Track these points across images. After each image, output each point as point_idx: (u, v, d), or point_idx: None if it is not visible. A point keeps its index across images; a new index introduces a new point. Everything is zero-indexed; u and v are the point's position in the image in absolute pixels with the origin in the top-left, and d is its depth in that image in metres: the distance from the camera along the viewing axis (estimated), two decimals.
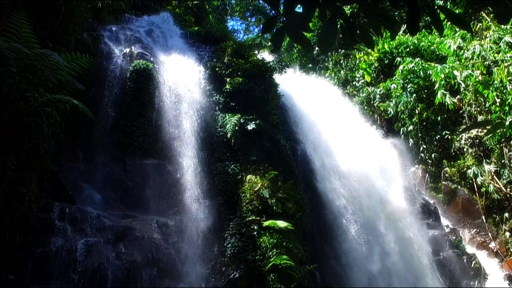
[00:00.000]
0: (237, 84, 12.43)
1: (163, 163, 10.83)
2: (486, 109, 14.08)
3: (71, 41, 10.64)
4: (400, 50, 18.16)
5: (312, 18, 3.40)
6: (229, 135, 11.39)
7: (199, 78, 12.98)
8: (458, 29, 15.24)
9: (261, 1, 30.60)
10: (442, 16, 3.49)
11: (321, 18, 3.36)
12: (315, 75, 21.32)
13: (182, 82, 12.40)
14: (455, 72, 14.24)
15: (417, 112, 16.26)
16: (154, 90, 11.74)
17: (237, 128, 11.51)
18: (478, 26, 15.53)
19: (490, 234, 13.81)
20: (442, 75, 14.51)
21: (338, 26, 3.38)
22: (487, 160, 14.28)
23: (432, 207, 14.43)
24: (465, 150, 15.08)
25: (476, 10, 16.91)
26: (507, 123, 12.02)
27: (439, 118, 15.88)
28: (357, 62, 20.36)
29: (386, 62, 18.78)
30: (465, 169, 14.60)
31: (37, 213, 7.87)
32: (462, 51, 14.74)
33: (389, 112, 17.47)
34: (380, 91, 18.21)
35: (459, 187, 14.82)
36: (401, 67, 16.71)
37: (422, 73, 16.02)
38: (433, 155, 15.73)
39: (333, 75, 21.44)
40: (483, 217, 14.07)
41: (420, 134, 16.17)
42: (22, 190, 7.42)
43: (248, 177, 10.66)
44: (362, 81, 19.66)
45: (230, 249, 9.42)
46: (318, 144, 13.73)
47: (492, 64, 13.37)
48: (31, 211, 7.72)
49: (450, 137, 15.47)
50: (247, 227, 9.71)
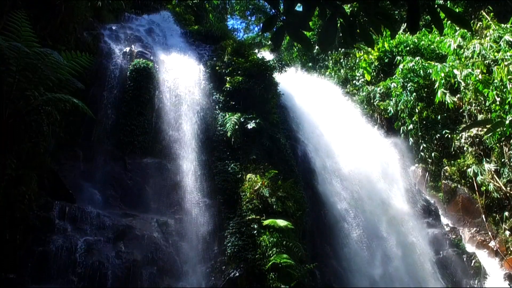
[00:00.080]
0: (237, 83, 12.43)
1: (163, 162, 10.81)
2: (486, 108, 14.08)
3: (71, 40, 10.63)
4: (400, 49, 18.16)
5: (312, 17, 3.40)
6: (229, 134, 11.39)
7: (199, 77, 12.96)
8: (458, 28, 15.22)
9: (261, 0, 30.58)
10: (442, 15, 3.49)
11: (321, 17, 3.35)
12: (316, 74, 21.30)
13: (182, 81, 12.38)
14: (455, 71, 14.24)
15: (417, 111, 16.26)
16: (154, 89, 11.73)
17: (237, 127, 11.50)
18: (478, 25, 15.52)
19: (490, 233, 13.81)
20: (442, 74, 14.50)
21: (338, 25, 3.38)
22: (487, 159, 14.28)
23: (432, 207, 14.42)
24: (465, 149, 15.07)
25: (476, 9, 16.90)
26: (507, 122, 12.02)
27: (439, 117, 15.88)
28: (357, 61, 20.37)
29: (386, 61, 18.77)
30: (465, 168, 14.60)
31: (37, 212, 7.86)
32: (462, 50, 14.74)
33: (389, 111, 17.47)
34: (380, 90, 18.21)
35: (459, 186, 14.81)
36: (401, 66, 16.71)
37: (422, 72, 16.01)
38: (433, 154, 15.72)
39: (333, 74, 21.44)
40: (483, 216, 14.07)
41: (420, 133, 16.16)
42: (22, 189, 7.41)
43: (248, 176, 10.66)
44: (362, 80, 19.66)
45: (230, 248, 9.42)
46: (319, 145, 13.65)
47: (492, 63, 13.37)
48: (31, 210, 7.71)
49: (450, 136, 15.47)
50: (247, 226, 9.71)
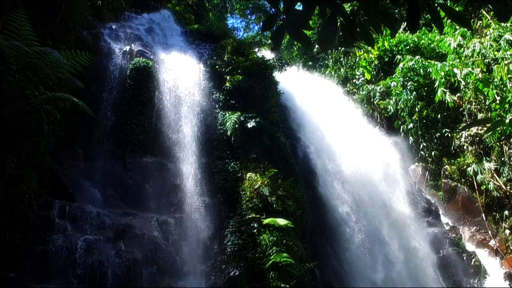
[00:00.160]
0: (237, 82, 12.42)
1: (163, 161, 10.81)
2: (486, 107, 14.07)
3: (71, 39, 10.62)
4: (400, 48, 18.16)
5: (312, 16, 3.40)
6: (229, 133, 11.39)
7: (199, 76, 12.95)
8: (458, 27, 15.24)
9: None
10: (442, 13, 3.49)
11: (321, 16, 3.35)
12: (316, 73, 21.28)
13: (182, 80, 12.37)
14: (455, 70, 14.23)
15: (417, 110, 16.26)
16: (154, 89, 11.72)
17: (237, 126, 11.50)
18: (478, 24, 15.52)
19: (490, 232, 13.81)
20: (442, 73, 14.50)
21: (338, 24, 3.38)
22: (487, 158, 14.28)
23: (432, 206, 14.41)
24: (465, 148, 15.07)
25: (476, 8, 16.90)
26: (507, 121, 12.00)
27: (439, 116, 15.87)
28: (357, 60, 20.35)
29: (386, 60, 18.77)
30: (465, 167, 14.60)
31: (37, 211, 7.86)
32: (462, 49, 14.73)
33: (389, 110, 17.46)
34: (380, 89, 18.21)
35: (459, 185, 14.81)
36: (401, 65, 16.70)
37: (422, 71, 16.00)
38: (433, 153, 15.72)
39: (333, 73, 21.43)
40: (483, 215, 14.07)
41: (420, 132, 16.15)
42: (22, 188, 7.42)
43: (248, 175, 10.66)
44: (362, 79, 19.65)
45: (230, 247, 9.42)
46: (321, 147, 13.58)
47: (492, 62, 13.36)
48: (31, 209, 7.72)
49: (450, 135, 15.46)
50: (247, 225, 9.71)
